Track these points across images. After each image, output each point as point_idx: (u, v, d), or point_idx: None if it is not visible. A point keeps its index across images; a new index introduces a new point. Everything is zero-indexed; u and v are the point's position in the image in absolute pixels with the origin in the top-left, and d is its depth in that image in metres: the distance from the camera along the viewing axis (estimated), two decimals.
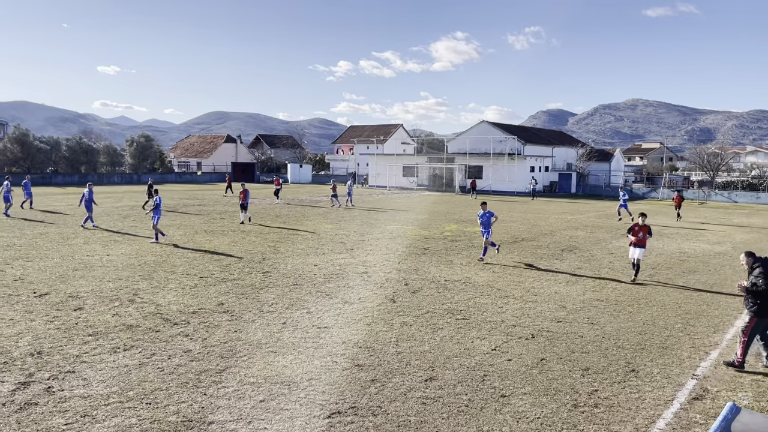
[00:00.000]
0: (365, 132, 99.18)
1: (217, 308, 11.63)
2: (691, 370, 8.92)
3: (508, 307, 12.28)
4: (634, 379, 8.45)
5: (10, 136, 63.33)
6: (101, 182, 62.03)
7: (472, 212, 34.74)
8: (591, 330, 10.81)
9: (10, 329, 9.92)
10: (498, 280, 14.98)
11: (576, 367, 8.85)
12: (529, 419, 7.09)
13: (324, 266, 16.25)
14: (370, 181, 67.95)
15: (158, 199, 20.98)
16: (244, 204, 26.43)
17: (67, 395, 7.36)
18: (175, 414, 6.94)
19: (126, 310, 11.28)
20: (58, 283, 13.49)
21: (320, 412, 7.13)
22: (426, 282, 14.57)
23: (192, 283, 13.84)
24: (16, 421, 6.66)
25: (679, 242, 23.23)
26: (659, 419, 7.20)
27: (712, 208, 44.66)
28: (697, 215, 36.81)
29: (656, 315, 11.99)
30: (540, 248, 20.65)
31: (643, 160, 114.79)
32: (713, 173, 65.11)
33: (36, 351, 8.91)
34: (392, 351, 9.36)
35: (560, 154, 68.39)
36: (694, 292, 14.28)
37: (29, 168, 61.90)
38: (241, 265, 16.14)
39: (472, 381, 8.21)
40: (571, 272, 16.35)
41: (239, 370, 8.38)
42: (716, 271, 17.16)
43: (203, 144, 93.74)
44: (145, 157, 72.73)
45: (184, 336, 9.83)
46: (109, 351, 9.00)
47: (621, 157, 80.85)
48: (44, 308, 11.28)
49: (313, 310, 11.64)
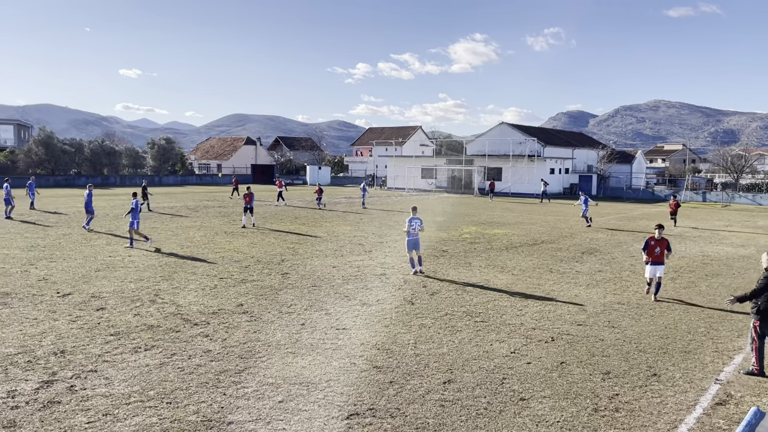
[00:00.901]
0: (384, 134, 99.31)
1: (237, 309, 11.71)
2: (715, 374, 8.78)
3: (527, 310, 12.20)
4: (655, 384, 8.34)
5: (35, 139, 64.49)
6: (123, 184, 62.89)
7: (491, 214, 34.60)
8: (612, 333, 10.69)
9: (34, 328, 10.08)
10: (517, 283, 14.88)
11: (596, 371, 8.76)
12: (549, 423, 7.02)
13: (342, 268, 16.28)
14: (389, 182, 67.96)
15: (135, 202, 19.76)
16: (249, 207, 25.70)
17: (90, 394, 7.46)
18: (195, 414, 6.99)
19: (147, 311, 11.40)
20: (81, 283, 13.69)
21: (338, 413, 7.14)
22: (444, 284, 14.53)
23: (212, 284, 13.95)
24: (39, 419, 6.76)
25: (701, 245, 22.89)
26: (681, 424, 7.09)
27: (736, 210, 43.96)
28: (721, 218, 36.26)
29: (678, 319, 11.82)
30: (560, 251, 20.48)
31: (666, 162, 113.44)
32: (737, 175, 64.10)
33: (59, 350, 9.04)
34: (410, 353, 9.35)
35: (580, 156, 67.84)
36: (718, 295, 14.05)
37: (53, 170, 62.96)
38: (260, 266, 16.23)
39: (491, 384, 8.17)
40: (592, 275, 16.19)
41: (258, 370, 8.43)
42: (740, 274, 16.87)
43: (223, 146, 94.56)
44: (166, 159, 73.57)
45: (204, 336, 9.91)
46: (131, 351, 9.10)
47: (643, 158, 79.97)
48: (67, 308, 11.45)
49: (331, 312, 11.67)
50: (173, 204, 37.03)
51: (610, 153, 71.53)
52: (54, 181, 59.37)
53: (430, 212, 34.85)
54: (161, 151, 73.11)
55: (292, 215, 31.10)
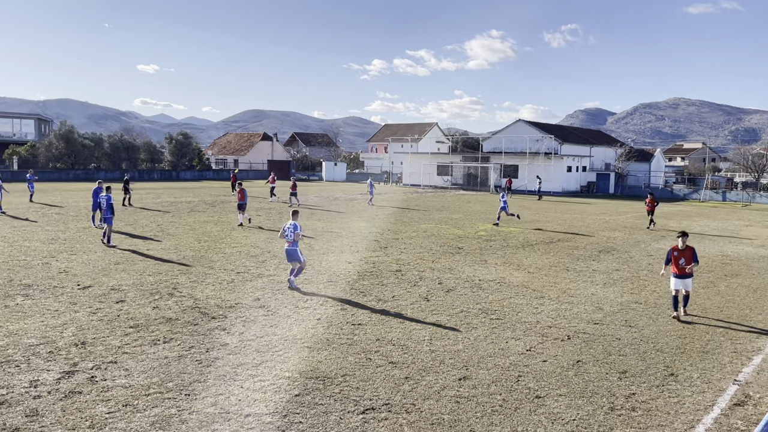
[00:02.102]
0: (400, 130, 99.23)
1: (254, 303, 11.81)
2: (733, 375, 8.70)
3: (543, 308, 12.16)
4: (673, 384, 8.29)
5: (56, 133, 65.34)
6: (141, 178, 63.53)
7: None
8: (629, 333, 10.63)
9: (55, 320, 10.25)
10: (533, 281, 14.84)
11: (613, 370, 8.73)
12: (565, 421, 7.02)
13: (358, 264, 16.33)
14: (404, 179, 67.94)
15: (108, 197, 18.43)
16: (242, 204, 24.33)
17: (110, 385, 7.58)
18: (213, 405, 7.08)
19: (166, 304, 11.54)
20: (101, 276, 13.87)
21: (354, 407, 7.19)
22: (460, 281, 14.53)
23: (229, 278, 14.07)
24: (61, 408, 6.89)
25: (721, 245, 22.64)
26: (699, 424, 7.05)
27: (757, 210, 43.38)
28: (741, 217, 35.81)
29: (697, 319, 11.72)
30: (577, 249, 20.37)
31: (685, 160, 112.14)
32: (758, 174, 63.21)
33: (80, 341, 9.19)
34: (426, 349, 9.37)
35: (598, 154, 67.29)
36: (737, 296, 13.90)
37: (73, 164, 63.75)
38: (276, 261, 16.33)
39: (506, 381, 8.17)
40: (609, 274, 16.09)
41: (275, 364, 8.50)
42: (760, 274, 16.67)
43: (240, 142, 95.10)
44: (183, 154, 74.17)
45: (221, 330, 10.01)
46: (150, 343, 9.23)
47: (662, 157, 79.13)
48: (87, 300, 11.62)
49: (347, 307, 11.72)
50: (191, 199, 37.34)
51: (628, 151, 70.89)
52: (74, 175, 60.15)
53: (446, 210, 34.80)
54: (179, 146, 73.71)
55: (307, 212, 31.22)
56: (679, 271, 11.55)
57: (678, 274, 11.56)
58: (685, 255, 11.52)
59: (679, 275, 11.55)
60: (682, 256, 11.53)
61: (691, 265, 11.51)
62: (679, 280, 11.56)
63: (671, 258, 11.69)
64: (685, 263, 11.46)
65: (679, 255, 11.56)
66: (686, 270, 11.48)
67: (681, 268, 11.50)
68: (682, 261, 11.49)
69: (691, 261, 11.48)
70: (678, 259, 11.54)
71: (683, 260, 11.48)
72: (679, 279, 11.57)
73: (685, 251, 11.53)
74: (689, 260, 11.47)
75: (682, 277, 11.54)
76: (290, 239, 13.07)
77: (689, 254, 11.52)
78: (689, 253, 11.53)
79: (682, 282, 11.55)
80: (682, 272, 11.50)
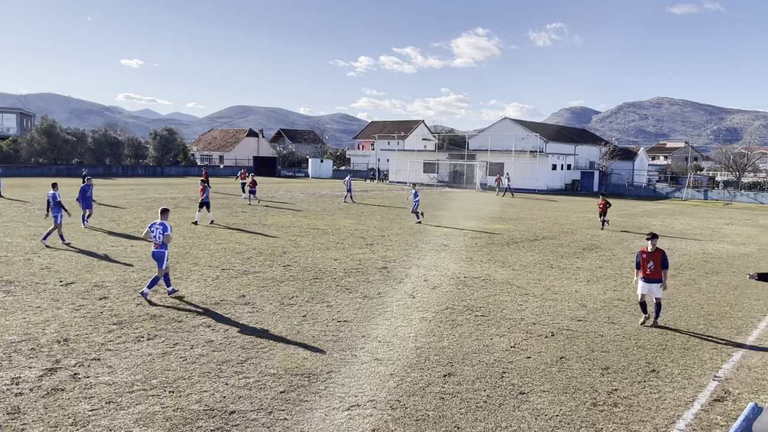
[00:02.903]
0: (386, 128, 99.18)
1: (239, 300, 11.78)
2: (713, 371, 8.83)
3: (527, 305, 12.25)
4: (654, 380, 8.40)
5: (38, 128, 64.44)
6: (125, 174, 62.91)
7: (493, 209, 34.63)
8: (611, 329, 10.74)
9: (37, 317, 10.15)
10: (518, 278, 14.93)
11: (596, 366, 8.82)
12: (548, 417, 7.09)
13: (344, 261, 16.33)
14: (391, 176, 67.96)
15: (54, 195, 17.46)
16: (204, 202, 23.18)
17: (93, 382, 7.53)
18: (198, 403, 7.06)
19: (149, 300, 11.46)
20: (84, 272, 13.75)
21: (339, 404, 7.20)
22: (445, 278, 14.58)
23: (214, 275, 14.01)
24: (43, 406, 6.83)
25: (702, 243, 22.92)
26: (679, 420, 7.15)
27: (738, 209, 43.95)
28: (722, 216, 36.27)
29: (678, 316, 11.88)
30: (561, 247, 20.52)
31: (668, 159, 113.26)
32: (739, 174, 63.98)
33: (62, 338, 9.11)
34: (411, 346, 9.41)
35: (583, 152, 67.79)
36: (717, 293, 14.10)
37: (55, 159, 62.96)
38: (262, 258, 16.29)
39: (490, 377, 8.23)
40: (592, 271, 16.23)
41: (260, 361, 8.49)
42: (740, 272, 16.91)
43: (225, 138, 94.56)
44: (168, 150, 73.55)
45: (206, 327, 9.97)
46: (134, 340, 9.17)
47: (645, 156, 79.88)
48: (70, 297, 11.52)
49: (332, 304, 11.73)
50: (175, 195, 37.08)
51: (612, 150, 71.44)
52: (56, 170, 59.40)
53: (432, 207, 34.87)
54: (163, 142, 73.06)
55: (294, 207, 31.14)
56: (645, 275, 10.92)
57: (645, 278, 10.92)
58: (654, 258, 10.86)
59: (647, 279, 10.91)
60: (650, 259, 10.88)
61: (660, 268, 10.82)
62: (646, 284, 10.91)
63: (640, 261, 11.05)
64: (653, 267, 10.82)
65: (647, 258, 10.91)
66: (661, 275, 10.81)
67: (650, 272, 10.84)
68: (650, 264, 10.85)
69: (660, 265, 10.81)
70: (647, 262, 10.90)
71: (652, 264, 10.84)
72: (646, 283, 10.93)
73: (654, 254, 10.88)
74: (658, 264, 10.81)
75: (649, 281, 10.88)
76: (158, 241, 11.52)
77: (658, 257, 10.85)
78: (658, 256, 10.85)
79: (648, 286, 10.89)
80: (651, 276, 10.84)
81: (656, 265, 10.82)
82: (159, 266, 11.60)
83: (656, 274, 10.82)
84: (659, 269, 10.82)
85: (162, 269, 11.59)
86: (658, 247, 10.98)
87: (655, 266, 10.82)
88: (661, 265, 10.81)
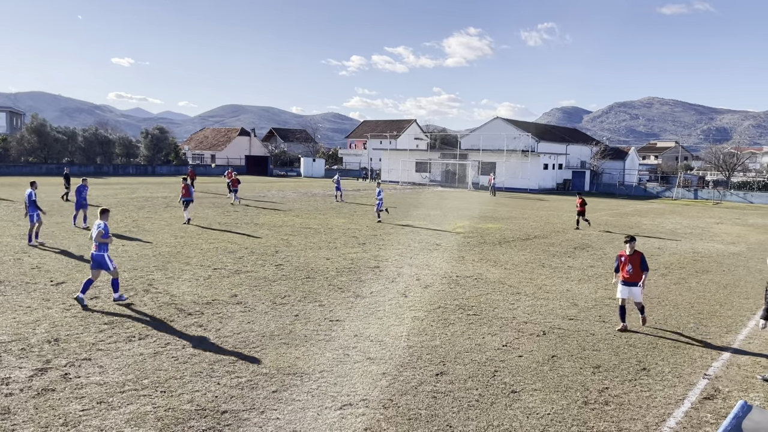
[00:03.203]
0: (378, 127, 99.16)
1: (231, 299, 11.75)
2: (703, 369, 8.90)
3: (519, 304, 12.29)
4: (645, 378, 8.45)
5: (28, 126, 64.03)
6: (116, 173, 62.59)
7: (485, 209, 34.71)
8: (602, 328, 10.80)
9: (27, 317, 10.09)
10: (510, 277, 14.98)
11: (587, 365, 8.86)
12: (540, 415, 7.12)
13: (336, 260, 16.33)
14: (383, 176, 67.97)
15: (30, 194, 17.24)
16: (187, 200, 22.91)
17: (84, 382, 7.49)
18: (189, 402, 7.04)
19: (141, 300, 11.42)
20: (75, 272, 13.67)
21: (331, 403, 7.20)
22: (438, 277, 14.61)
23: (206, 274, 13.97)
24: (33, 406, 6.79)
25: (692, 242, 23.07)
26: (670, 418, 7.20)
27: (727, 208, 44.26)
28: (712, 215, 36.52)
29: (668, 314, 11.95)
30: (552, 246, 20.60)
31: (658, 159, 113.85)
32: (729, 173, 64.44)
33: (53, 338, 9.06)
34: (403, 345, 9.42)
35: (574, 152, 68.06)
36: (707, 292, 14.19)
37: (45, 158, 62.58)
38: (254, 257, 16.26)
39: (482, 376, 8.25)
40: (584, 270, 16.30)
41: (252, 360, 8.48)
42: (730, 271, 17.04)
43: (217, 137, 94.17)
44: (159, 149, 73.26)
45: (198, 326, 9.94)
46: (125, 339, 9.13)
47: (636, 155, 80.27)
48: (61, 296, 11.45)
49: (325, 303, 11.72)
50: (167, 194, 36.91)
51: (603, 149, 71.78)
52: (46, 169, 59.02)
53: (424, 206, 34.92)
54: (154, 141, 72.76)
55: (286, 207, 31.08)
56: (624, 278, 10.63)
57: (625, 281, 10.63)
58: (632, 261, 10.57)
59: (626, 282, 10.61)
60: (629, 262, 10.59)
61: (639, 271, 10.54)
62: (626, 288, 10.63)
63: (619, 264, 10.76)
64: (632, 270, 10.53)
65: (626, 261, 10.63)
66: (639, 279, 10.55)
67: (628, 276, 10.56)
68: (629, 268, 10.55)
69: (638, 267, 10.54)
70: (625, 265, 10.62)
71: (630, 267, 10.54)
72: (625, 286, 10.63)
73: (633, 257, 10.59)
74: (636, 266, 10.53)
75: (628, 284, 10.60)
76: (96, 242, 11.09)
77: (637, 260, 10.57)
78: (637, 259, 10.57)
79: (628, 290, 10.62)
80: (629, 279, 10.56)
81: (635, 267, 10.56)
82: (103, 268, 11.10)
83: (635, 277, 10.56)
84: (638, 272, 10.57)
85: (111, 271, 11.16)
86: (637, 250, 10.75)
87: (634, 269, 10.56)
88: (641, 267, 10.58)
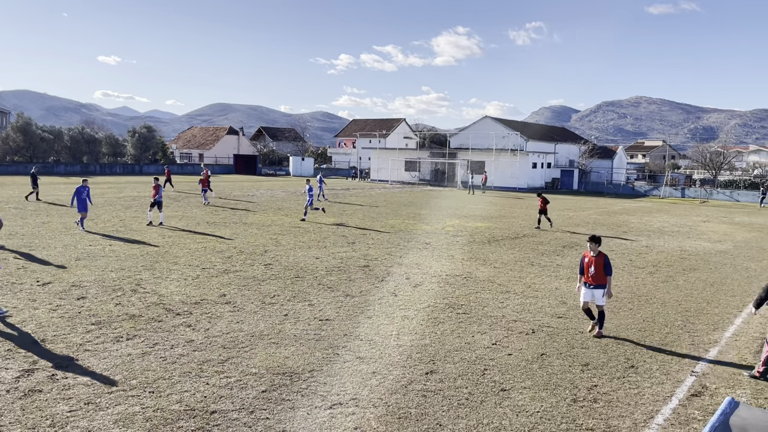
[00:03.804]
0: (368, 126, 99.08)
1: (219, 299, 11.69)
2: (690, 367, 8.97)
3: (509, 303, 12.33)
4: (633, 375, 8.50)
5: (13, 125, 63.33)
6: (103, 173, 62.08)
7: (474, 208, 34.79)
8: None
9: (13, 317, 9.98)
10: (499, 276, 15.02)
11: (576, 363, 8.91)
12: (529, 413, 7.14)
13: (326, 259, 16.30)
14: (372, 175, 67.94)
15: None
16: (156, 201, 22.00)
17: (71, 383, 7.42)
18: (178, 403, 7.00)
19: (129, 300, 11.34)
20: (61, 272, 13.55)
21: (321, 402, 7.19)
22: (427, 276, 14.62)
23: (194, 274, 13.89)
24: (20, 407, 6.72)
25: (680, 240, 23.26)
26: (658, 415, 7.26)
27: (714, 206, 44.66)
28: (699, 214, 36.83)
29: (656, 312, 12.04)
30: (541, 244, 20.68)
31: (646, 157, 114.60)
32: (715, 172, 65.03)
33: (40, 339, 8.97)
34: (393, 344, 9.42)
35: (562, 151, 68.36)
36: (695, 290, 14.31)
37: (31, 157, 61.94)
38: (243, 256, 16.19)
39: (472, 375, 8.27)
40: (572, 268, 16.37)
41: (241, 360, 8.44)
42: (717, 269, 17.19)
43: (205, 136, 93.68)
44: (146, 148, 72.74)
45: (186, 326, 9.89)
46: (112, 340, 9.06)
47: (624, 154, 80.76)
48: (47, 297, 11.34)
49: (314, 303, 11.70)
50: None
51: (591, 148, 72.13)
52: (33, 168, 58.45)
53: (413, 205, 34.93)
54: (142, 140, 72.21)
55: (275, 206, 30.99)
56: (587, 280, 10.16)
57: (588, 284, 10.15)
58: (595, 263, 10.06)
59: (589, 285, 10.14)
60: (592, 263, 10.08)
61: (603, 273, 10.07)
62: (589, 291, 10.14)
63: (583, 265, 10.28)
64: (595, 272, 10.04)
65: (589, 262, 10.11)
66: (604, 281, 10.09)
67: (592, 277, 10.07)
68: (592, 270, 10.05)
69: (602, 270, 10.03)
70: (588, 266, 10.11)
71: (593, 269, 10.04)
72: (588, 289, 10.16)
73: (597, 259, 10.07)
74: (600, 269, 10.03)
75: (592, 287, 10.12)
76: None
77: (601, 262, 10.05)
78: (601, 261, 10.05)
79: (591, 293, 10.13)
80: (593, 281, 10.08)
81: (598, 270, 10.04)
82: None
83: (599, 279, 10.07)
84: (602, 275, 10.06)
85: None
86: (601, 251, 10.22)
87: (597, 271, 10.04)
88: (604, 270, 10.07)
